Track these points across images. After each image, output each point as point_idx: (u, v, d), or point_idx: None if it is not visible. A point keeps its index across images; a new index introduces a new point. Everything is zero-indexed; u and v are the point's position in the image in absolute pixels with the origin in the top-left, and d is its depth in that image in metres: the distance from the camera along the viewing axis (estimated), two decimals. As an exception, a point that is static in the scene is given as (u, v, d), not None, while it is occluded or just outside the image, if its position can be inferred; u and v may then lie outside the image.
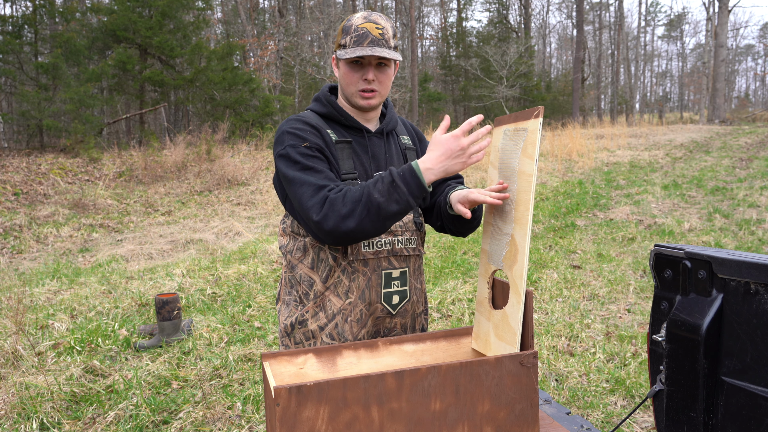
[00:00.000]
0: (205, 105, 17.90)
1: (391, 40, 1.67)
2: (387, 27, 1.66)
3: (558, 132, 19.45)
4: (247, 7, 24.83)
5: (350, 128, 1.74)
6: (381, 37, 1.64)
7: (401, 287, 1.73)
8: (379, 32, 1.64)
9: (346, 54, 1.63)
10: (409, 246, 1.74)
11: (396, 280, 1.72)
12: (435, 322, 4.53)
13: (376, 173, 1.69)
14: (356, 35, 1.64)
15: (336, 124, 1.73)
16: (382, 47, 1.63)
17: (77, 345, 4.02)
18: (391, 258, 1.70)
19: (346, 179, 1.64)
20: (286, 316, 1.75)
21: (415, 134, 1.92)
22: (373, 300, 1.69)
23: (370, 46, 1.62)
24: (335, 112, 1.72)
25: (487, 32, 36.48)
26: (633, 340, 3.99)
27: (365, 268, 1.67)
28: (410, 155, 1.82)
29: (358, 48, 1.63)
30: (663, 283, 1.49)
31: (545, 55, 49.25)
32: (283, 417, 1.22)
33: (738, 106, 53.98)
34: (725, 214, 7.75)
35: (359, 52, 1.61)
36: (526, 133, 1.45)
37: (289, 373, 1.51)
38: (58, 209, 9.49)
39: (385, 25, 1.66)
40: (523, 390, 1.38)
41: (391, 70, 1.70)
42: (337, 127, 1.73)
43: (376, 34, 1.63)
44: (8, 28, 14.92)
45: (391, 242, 1.70)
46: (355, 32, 1.64)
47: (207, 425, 3.04)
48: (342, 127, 1.73)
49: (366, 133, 1.74)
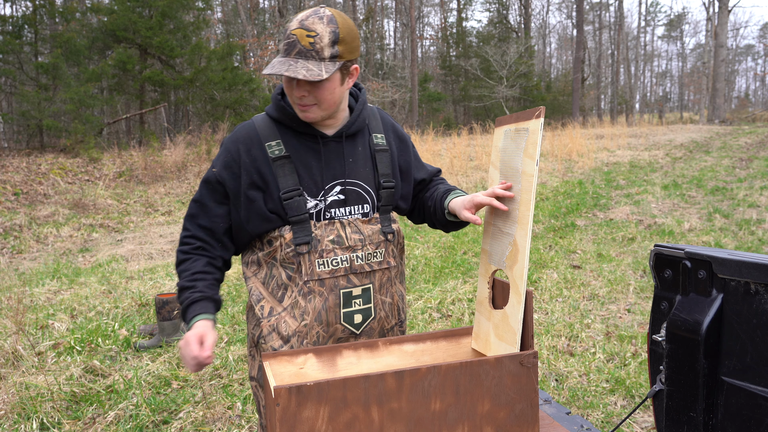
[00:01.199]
0: (205, 105, 17.90)
1: (326, 50, 1.44)
2: (323, 33, 1.44)
3: (558, 132, 19.45)
4: (247, 7, 24.83)
5: (303, 134, 1.59)
6: (311, 48, 1.43)
7: (364, 305, 1.62)
8: (310, 41, 1.43)
9: (265, 68, 1.47)
10: (372, 260, 1.62)
11: (357, 298, 1.61)
12: (435, 322, 4.53)
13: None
14: (286, 43, 1.46)
15: (287, 129, 1.60)
16: (308, 59, 1.44)
17: (77, 345, 4.02)
18: (350, 276, 1.59)
19: (290, 197, 1.54)
20: (253, 326, 1.67)
21: (394, 134, 1.75)
22: (331, 321, 1.59)
23: (294, 58, 1.44)
24: (285, 118, 1.59)
25: (487, 32, 36.48)
26: (633, 340, 3.99)
27: (321, 288, 1.57)
28: (381, 157, 1.67)
29: (279, 62, 1.46)
30: (663, 283, 1.49)
31: (545, 55, 49.25)
32: (283, 417, 1.22)
33: (738, 106, 53.98)
34: (725, 214, 7.75)
35: (275, 69, 1.44)
36: (528, 134, 1.45)
37: (289, 373, 1.51)
38: (58, 209, 9.49)
39: (321, 31, 1.44)
40: (523, 390, 1.38)
41: (328, 85, 1.49)
42: (288, 134, 1.59)
43: (305, 44, 1.44)
44: (8, 28, 14.92)
45: (348, 259, 1.58)
46: (286, 39, 1.47)
47: (207, 425, 3.04)
48: (294, 132, 1.59)
49: (321, 138, 1.59)
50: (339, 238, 1.58)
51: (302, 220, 1.56)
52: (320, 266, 1.56)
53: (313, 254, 1.56)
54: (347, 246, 1.58)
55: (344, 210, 1.60)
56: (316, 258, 1.56)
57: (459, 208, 1.60)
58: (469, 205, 1.57)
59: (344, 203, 1.60)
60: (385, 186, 1.66)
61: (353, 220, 1.61)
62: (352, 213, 1.61)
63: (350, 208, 1.61)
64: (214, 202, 1.61)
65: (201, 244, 1.60)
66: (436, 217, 1.74)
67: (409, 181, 1.75)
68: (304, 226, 1.56)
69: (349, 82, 1.55)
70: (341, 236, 1.58)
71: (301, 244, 1.55)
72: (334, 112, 1.57)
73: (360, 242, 1.60)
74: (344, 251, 1.58)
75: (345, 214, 1.60)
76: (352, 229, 1.60)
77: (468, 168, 12.64)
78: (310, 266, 1.56)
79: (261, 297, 1.62)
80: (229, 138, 1.63)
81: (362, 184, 1.62)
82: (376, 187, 1.65)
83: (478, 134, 18.24)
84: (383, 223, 1.66)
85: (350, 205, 1.61)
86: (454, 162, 12.68)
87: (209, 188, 1.61)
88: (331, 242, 1.57)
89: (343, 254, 1.58)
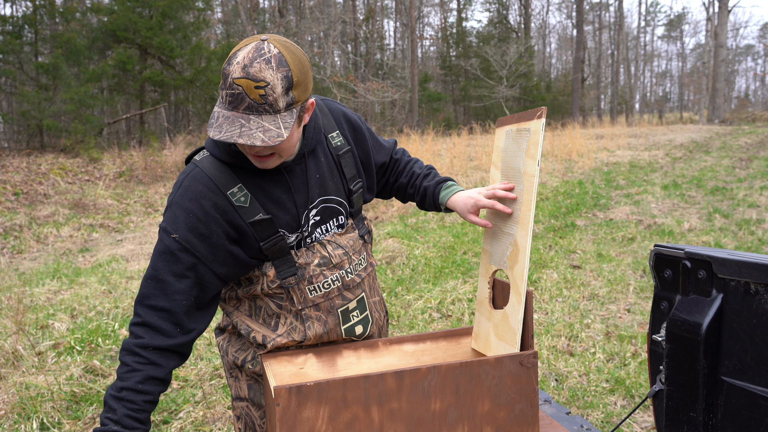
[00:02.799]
0: (205, 105, 17.90)
1: (281, 100, 1.24)
2: (274, 82, 1.22)
3: (558, 132, 19.45)
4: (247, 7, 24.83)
5: (263, 171, 1.41)
6: (262, 101, 1.22)
7: (362, 315, 1.58)
8: (260, 93, 1.22)
9: (210, 128, 1.25)
10: (359, 269, 1.57)
11: (354, 311, 1.56)
12: (435, 322, 4.53)
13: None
14: (231, 94, 1.23)
15: (245, 170, 1.40)
16: (261, 114, 1.23)
17: (77, 345, 4.02)
18: (344, 293, 1.53)
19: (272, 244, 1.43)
20: (237, 348, 1.57)
21: (347, 124, 1.59)
22: (333, 339, 1.55)
23: (244, 114, 1.23)
24: (239, 161, 1.39)
25: (487, 32, 36.48)
26: (633, 340, 3.99)
27: (318, 313, 1.50)
28: (345, 160, 1.54)
29: (225, 121, 1.24)
30: (663, 283, 1.49)
31: (545, 55, 49.25)
32: (283, 417, 1.22)
33: (738, 106, 53.97)
34: (725, 214, 7.75)
35: (224, 134, 1.23)
36: (529, 134, 1.45)
37: (289, 373, 1.51)
38: (58, 209, 9.49)
39: (271, 79, 1.22)
40: (523, 390, 1.38)
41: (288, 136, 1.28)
42: (246, 174, 1.40)
43: (255, 97, 1.22)
44: (8, 28, 14.92)
45: (339, 277, 1.51)
46: (230, 89, 1.23)
47: (207, 425, 3.04)
48: (253, 172, 1.41)
49: (285, 169, 1.43)
50: (324, 259, 1.50)
51: (284, 254, 1.47)
52: (312, 292, 1.49)
53: (302, 283, 1.48)
54: (333, 265, 1.51)
55: (321, 229, 1.52)
56: (306, 285, 1.48)
57: (463, 211, 1.58)
58: (473, 209, 1.56)
59: (320, 222, 1.52)
60: (355, 190, 1.57)
61: (331, 236, 1.53)
62: (329, 229, 1.54)
63: (326, 225, 1.53)
64: (174, 275, 1.35)
65: (148, 340, 1.34)
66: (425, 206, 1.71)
67: (371, 172, 1.65)
68: (287, 259, 1.47)
69: (305, 119, 1.38)
70: (325, 256, 1.50)
71: (287, 278, 1.47)
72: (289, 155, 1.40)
73: (345, 257, 1.53)
74: (332, 270, 1.50)
75: (323, 233, 1.53)
76: (332, 245, 1.52)
77: (468, 168, 12.64)
78: (302, 294, 1.48)
79: (250, 329, 1.51)
80: (182, 195, 1.37)
81: (333, 197, 1.53)
82: (347, 195, 1.56)
83: (478, 134, 18.24)
84: (359, 227, 1.61)
85: (326, 223, 1.53)
86: (454, 162, 12.68)
87: (168, 259, 1.35)
88: (318, 266, 1.49)
89: (332, 274, 1.50)
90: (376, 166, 1.68)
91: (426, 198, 1.69)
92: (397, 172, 1.75)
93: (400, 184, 1.74)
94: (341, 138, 1.56)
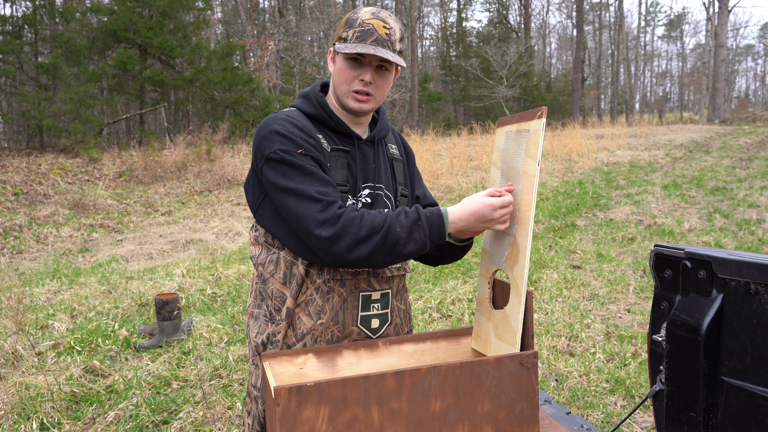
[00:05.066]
0: (205, 105, 17.91)
1: (397, 43, 1.53)
2: (395, 28, 1.52)
3: (558, 132, 19.45)
4: (247, 7, 24.84)
5: (340, 134, 1.58)
6: (387, 38, 1.50)
7: (382, 310, 1.60)
8: (386, 32, 1.50)
9: (346, 48, 1.48)
10: (393, 266, 1.60)
11: (376, 302, 1.59)
12: (435, 322, 4.53)
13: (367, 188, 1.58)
14: (360, 30, 1.49)
15: (325, 127, 1.58)
16: (386, 48, 1.49)
17: (77, 345, 4.02)
18: (372, 279, 1.58)
19: (342, 191, 1.53)
20: (256, 333, 1.62)
21: (403, 146, 1.78)
22: (347, 323, 1.56)
23: (373, 45, 1.48)
24: (326, 115, 1.57)
25: (487, 32, 36.49)
26: (633, 340, 3.99)
27: (342, 289, 1.54)
28: (397, 166, 1.69)
29: (360, 44, 1.48)
30: (663, 283, 1.49)
31: (545, 55, 49.26)
32: (283, 417, 1.22)
33: (738, 106, 53.99)
34: (725, 214, 7.75)
35: (360, 49, 1.46)
36: (529, 134, 1.45)
37: (289, 373, 1.51)
38: (58, 209, 9.49)
39: (393, 25, 1.52)
40: (523, 390, 1.38)
41: (391, 75, 1.56)
42: (326, 132, 1.57)
43: (382, 33, 1.49)
44: (8, 28, 14.92)
45: None
46: (360, 27, 1.49)
47: (207, 425, 3.04)
48: (332, 131, 1.58)
49: (357, 140, 1.59)
50: None
51: None
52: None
53: None
54: None
55: None
56: None
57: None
58: None
59: (371, 206, 1.59)
60: (402, 194, 1.67)
61: None
62: None
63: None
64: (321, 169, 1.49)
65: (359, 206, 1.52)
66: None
67: (413, 196, 1.76)
68: None
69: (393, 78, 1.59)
70: None
71: None
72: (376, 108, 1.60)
73: None
74: None
75: None
76: None
77: (468, 168, 12.64)
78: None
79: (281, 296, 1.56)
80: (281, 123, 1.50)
81: (384, 189, 1.62)
82: (395, 195, 1.66)
83: (478, 134, 18.24)
84: None
85: (375, 209, 1.58)
86: (454, 162, 12.68)
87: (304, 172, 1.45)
88: None
89: None
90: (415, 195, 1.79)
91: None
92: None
93: None
94: (397, 151, 1.73)
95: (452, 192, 10.36)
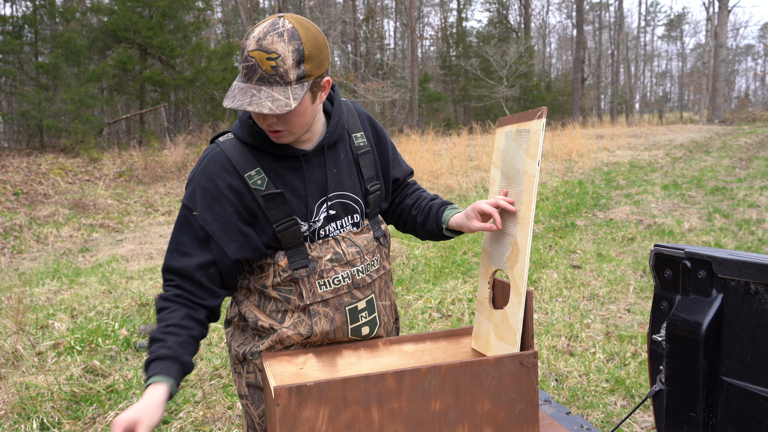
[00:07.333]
0: (205, 105, 17.90)
1: (291, 72, 1.30)
2: (285, 54, 1.28)
3: (558, 132, 19.45)
4: (247, 7, 24.82)
5: (282, 156, 1.47)
6: (274, 72, 1.28)
7: (370, 316, 1.57)
8: (272, 64, 1.28)
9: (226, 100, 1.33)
10: (371, 270, 1.57)
11: (363, 311, 1.56)
12: (435, 322, 4.53)
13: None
14: (245, 66, 1.31)
15: (265, 153, 1.46)
16: (272, 86, 1.30)
17: (77, 345, 4.02)
18: (354, 291, 1.54)
19: (285, 228, 1.46)
20: (239, 343, 1.58)
21: (371, 128, 1.65)
22: (339, 338, 1.54)
23: (256, 85, 1.30)
24: (260, 143, 1.45)
25: (487, 32, 36.48)
26: (633, 340, 3.99)
27: (326, 309, 1.51)
28: (364, 160, 1.58)
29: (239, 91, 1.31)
30: (663, 283, 1.49)
31: (545, 55, 49.25)
32: (283, 417, 1.22)
33: (738, 106, 53.97)
34: (725, 214, 7.75)
35: (236, 102, 1.30)
36: (529, 134, 1.45)
37: (289, 373, 1.51)
38: (58, 209, 9.49)
39: (282, 51, 1.28)
40: (523, 390, 1.38)
41: (298, 110, 1.35)
42: (264, 158, 1.46)
43: (266, 69, 1.29)
44: (8, 28, 14.93)
45: (350, 275, 1.52)
46: (245, 61, 1.31)
47: (207, 425, 3.04)
48: (272, 156, 1.46)
49: (302, 156, 1.48)
50: (337, 255, 1.51)
51: (297, 244, 1.48)
52: (321, 287, 1.49)
53: (312, 276, 1.49)
54: (346, 261, 1.52)
55: (335, 224, 1.53)
56: (316, 279, 1.49)
57: (464, 222, 1.56)
58: (474, 213, 1.54)
59: (334, 218, 1.53)
60: (372, 190, 1.60)
61: (346, 233, 1.54)
62: (344, 226, 1.55)
63: (341, 221, 1.54)
64: (197, 246, 1.43)
65: (181, 292, 1.42)
66: (426, 228, 1.68)
67: (389, 180, 1.69)
68: (300, 250, 1.48)
69: (321, 96, 1.42)
70: (339, 253, 1.51)
71: (298, 269, 1.48)
72: (309, 129, 1.47)
73: (358, 255, 1.54)
74: (344, 267, 1.51)
75: (337, 228, 1.54)
76: (347, 243, 1.54)
77: (468, 168, 12.64)
78: (311, 288, 1.49)
79: (257, 319, 1.52)
80: (200, 174, 1.44)
81: (349, 194, 1.55)
82: (364, 194, 1.59)
83: (478, 134, 18.24)
84: (374, 228, 1.62)
85: (341, 219, 1.54)
86: (454, 162, 12.68)
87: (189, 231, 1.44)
88: (330, 261, 1.50)
89: (343, 271, 1.51)
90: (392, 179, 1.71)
91: (429, 217, 1.67)
92: (405, 194, 1.76)
93: (405, 205, 1.74)
94: (364, 139, 1.61)
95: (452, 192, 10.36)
